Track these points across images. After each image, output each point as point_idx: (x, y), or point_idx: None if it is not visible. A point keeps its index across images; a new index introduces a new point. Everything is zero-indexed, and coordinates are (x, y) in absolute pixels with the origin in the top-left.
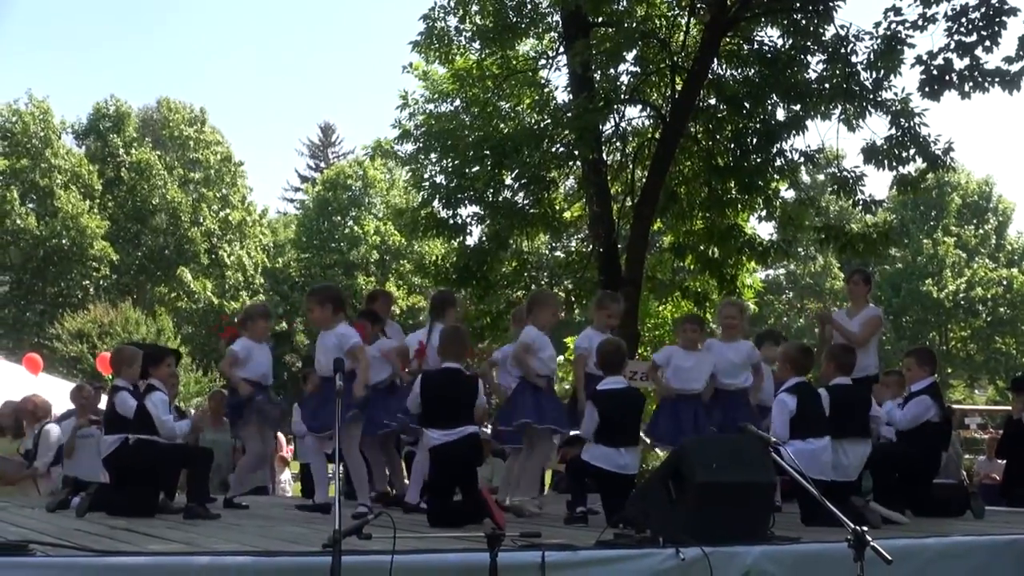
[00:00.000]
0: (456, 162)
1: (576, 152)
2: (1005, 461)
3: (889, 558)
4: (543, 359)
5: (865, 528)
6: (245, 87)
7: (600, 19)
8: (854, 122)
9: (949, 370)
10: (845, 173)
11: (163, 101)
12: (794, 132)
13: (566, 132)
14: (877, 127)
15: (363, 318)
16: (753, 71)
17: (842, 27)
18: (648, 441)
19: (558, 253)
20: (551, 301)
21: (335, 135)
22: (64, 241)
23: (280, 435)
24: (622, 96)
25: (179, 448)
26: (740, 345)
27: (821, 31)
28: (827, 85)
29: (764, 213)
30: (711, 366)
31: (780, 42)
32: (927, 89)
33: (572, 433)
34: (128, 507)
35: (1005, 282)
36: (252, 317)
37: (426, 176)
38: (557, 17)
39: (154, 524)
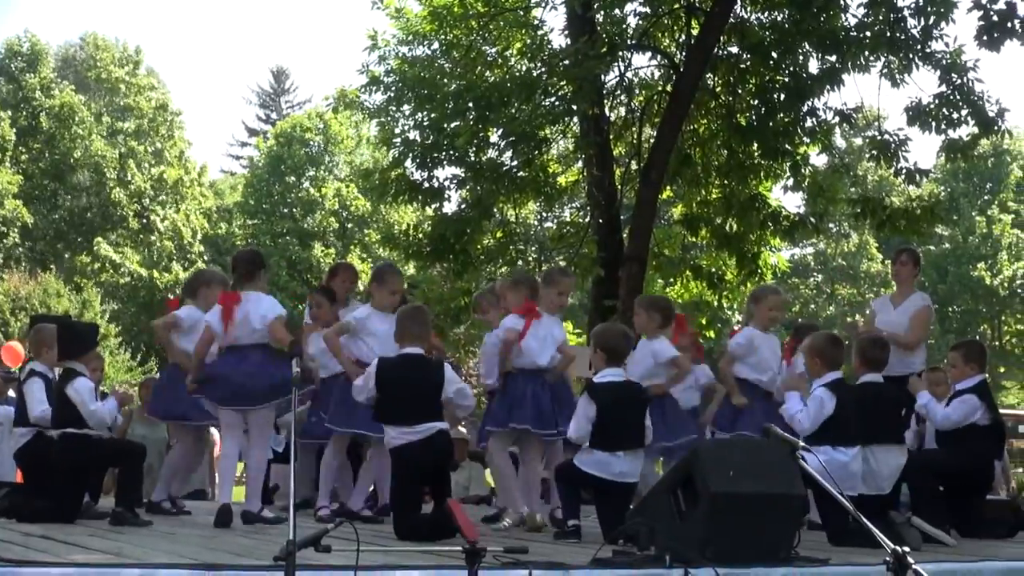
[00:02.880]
0: (433, 115)
1: (574, 106)
2: None
3: None
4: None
5: (906, 549)
6: (183, 24)
7: None
8: (899, 76)
9: (1002, 369)
10: (886, 136)
11: (89, 37)
12: (828, 87)
13: (562, 82)
14: (925, 83)
15: (321, 294)
16: (782, 15)
17: None
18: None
19: (550, 224)
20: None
21: (289, 81)
22: None
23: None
24: (628, 41)
25: (108, 443)
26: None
27: None
28: (868, 33)
29: (791, 182)
30: None
31: None
32: (985, 37)
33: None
34: (46, 510)
35: None
36: (209, 284)
37: (397, 131)
38: None
39: (75, 531)
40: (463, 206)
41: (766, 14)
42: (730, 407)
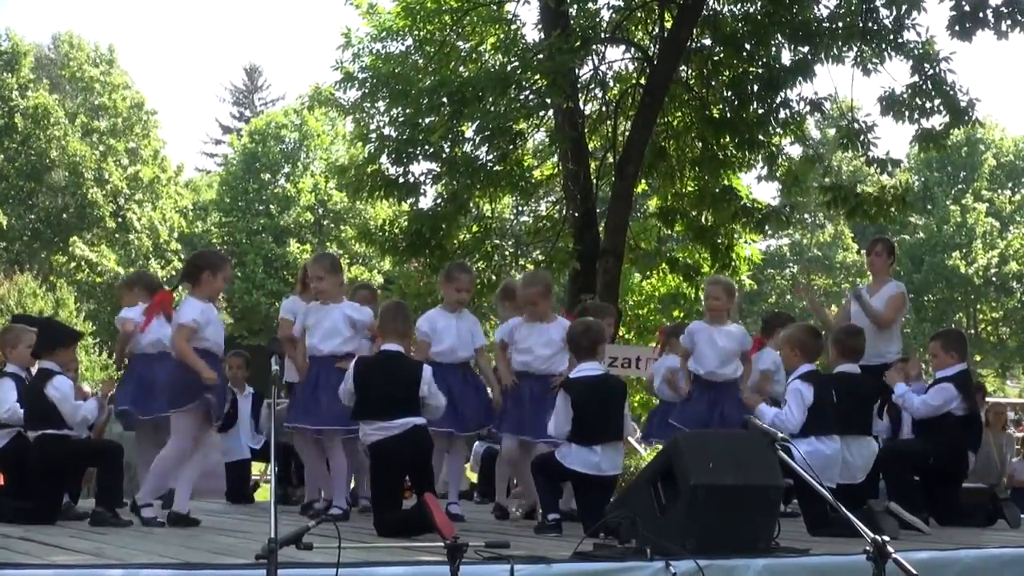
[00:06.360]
0: (408, 111)
1: (548, 100)
2: None
3: (915, 572)
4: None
5: (886, 538)
6: (155, 22)
7: None
8: (871, 65)
9: (978, 357)
10: (854, 124)
11: (64, 36)
12: (801, 78)
13: (536, 76)
14: (898, 74)
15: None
16: (755, 6)
17: None
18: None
19: (526, 218)
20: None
21: (262, 79)
22: None
23: None
24: (602, 34)
25: (86, 443)
26: (731, 330)
27: None
28: (840, 23)
29: (765, 171)
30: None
31: None
32: (957, 28)
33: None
34: (25, 512)
35: None
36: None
37: (372, 127)
38: None
39: (55, 532)
40: (439, 201)
41: (739, 6)
42: None
